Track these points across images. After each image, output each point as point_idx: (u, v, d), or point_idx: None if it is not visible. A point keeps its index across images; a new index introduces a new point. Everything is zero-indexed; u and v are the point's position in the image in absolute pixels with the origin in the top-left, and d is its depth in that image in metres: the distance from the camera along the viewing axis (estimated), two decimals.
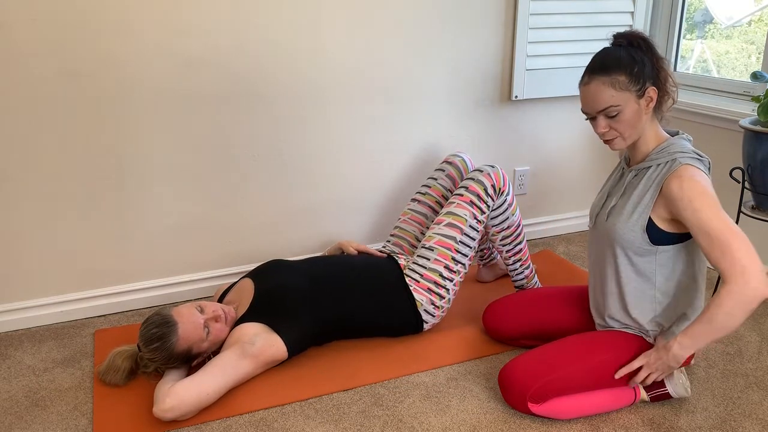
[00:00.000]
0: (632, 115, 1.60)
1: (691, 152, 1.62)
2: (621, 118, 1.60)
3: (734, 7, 2.91)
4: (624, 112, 1.59)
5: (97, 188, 2.20)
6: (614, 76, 1.57)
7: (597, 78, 1.59)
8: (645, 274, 1.69)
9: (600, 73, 1.58)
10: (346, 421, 1.75)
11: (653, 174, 1.64)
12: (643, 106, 1.61)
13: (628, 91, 1.58)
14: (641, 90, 1.59)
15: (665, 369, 1.66)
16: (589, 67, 1.63)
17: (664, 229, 1.64)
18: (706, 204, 1.52)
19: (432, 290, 2.06)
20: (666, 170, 1.61)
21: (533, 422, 1.74)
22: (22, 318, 2.24)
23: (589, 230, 1.86)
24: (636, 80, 1.58)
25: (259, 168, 2.39)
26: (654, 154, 1.66)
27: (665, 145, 1.65)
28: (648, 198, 1.64)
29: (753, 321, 2.23)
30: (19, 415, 1.80)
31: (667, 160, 1.62)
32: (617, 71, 1.57)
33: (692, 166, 1.58)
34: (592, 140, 2.92)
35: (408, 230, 2.31)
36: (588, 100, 1.61)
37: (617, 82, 1.57)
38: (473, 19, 2.52)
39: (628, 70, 1.57)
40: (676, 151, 1.62)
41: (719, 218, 1.51)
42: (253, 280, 2.05)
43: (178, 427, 1.72)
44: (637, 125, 1.62)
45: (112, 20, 2.05)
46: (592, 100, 1.60)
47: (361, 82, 2.43)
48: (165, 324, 1.80)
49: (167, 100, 2.19)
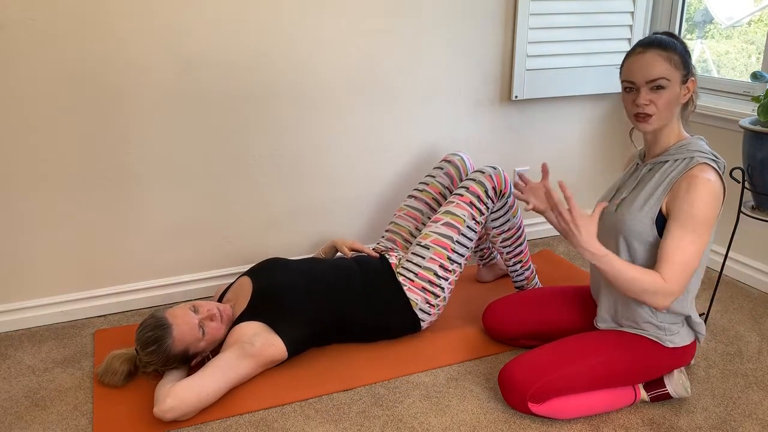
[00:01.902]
0: (673, 96, 1.62)
1: (708, 153, 1.64)
2: (664, 95, 1.61)
3: (734, 7, 2.91)
4: (669, 89, 1.61)
5: (97, 188, 2.20)
6: (670, 54, 1.60)
7: (653, 50, 1.61)
8: None
9: (657, 47, 1.61)
10: (346, 421, 1.75)
11: (669, 169, 1.66)
12: (681, 94, 1.64)
13: (678, 71, 1.61)
14: (686, 77, 1.63)
15: (569, 234, 1.58)
16: (642, 42, 1.64)
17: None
18: (701, 218, 1.56)
19: (426, 289, 2.06)
20: (683, 167, 1.62)
21: (533, 422, 1.74)
22: (22, 318, 2.24)
23: (597, 228, 1.85)
24: (685, 65, 1.62)
25: (259, 168, 2.39)
26: (673, 149, 1.68)
27: (685, 142, 1.67)
28: (660, 191, 1.65)
29: (753, 321, 2.23)
30: (19, 415, 1.80)
31: (685, 157, 1.64)
32: (673, 51, 1.61)
33: (709, 166, 1.60)
34: (593, 140, 2.92)
35: (403, 225, 2.31)
36: (641, 68, 1.61)
37: (672, 60, 1.60)
38: (473, 19, 2.52)
39: (681, 54, 1.62)
40: (695, 150, 1.64)
41: (697, 238, 1.56)
42: (251, 278, 2.04)
43: (178, 427, 1.72)
44: (673, 109, 1.64)
45: (112, 20, 2.05)
46: (646, 68, 1.60)
47: (361, 82, 2.43)
48: (159, 327, 1.80)
49: (167, 101, 2.19)
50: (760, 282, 2.46)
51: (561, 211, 1.59)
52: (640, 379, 1.77)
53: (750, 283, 2.49)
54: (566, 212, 1.58)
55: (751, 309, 2.32)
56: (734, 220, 2.27)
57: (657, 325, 1.73)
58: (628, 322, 1.77)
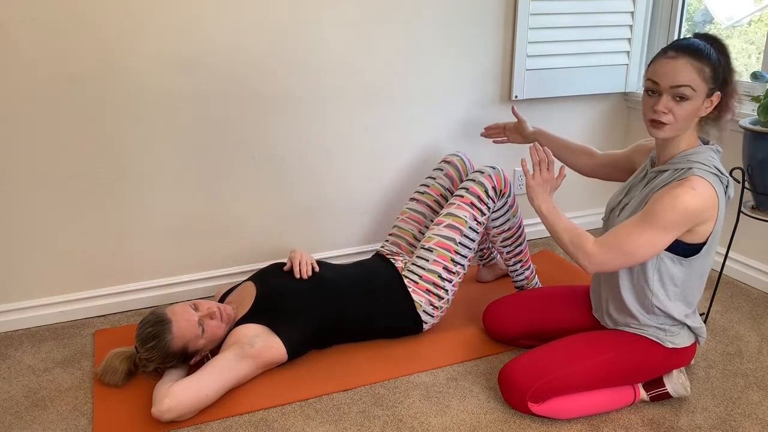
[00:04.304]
0: (694, 108, 1.57)
1: (711, 166, 1.59)
2: (685, 105, 1.56)
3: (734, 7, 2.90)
4: (691, 101, 1.56)
5: (97, 188, 2.20)
6: (702, 65, 1.55)
7: (687, 57, 1.55)
8: (646, 274, 1.69)
9: (691, 55, 1.55)
10: (346, 421, 1.75)
11: (667, 177, 1.63)
12: (704, 107, 1.59)
13: (706, 84, 1.56)
14: (712, 91, 1.57)
15: (529, 191, 1.81)
16: (678, 45, 1.59)
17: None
18: (659, 216, 1.55)
19: (431, 291, 2.06)
20: (678, 176, 1.60)
21: (533, 422, 1.74)
22: (22, 318, 2.24)
23: (603, 225, 1.87)
24: (714, 80, 1.57)
25: (258, 168, 2.39)
26: (677, 158, 1.64)
27: (690, 151, 1.63)
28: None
29: (753, 321, 2.23)
30: (19, 415, 1.80)
31: (684, 168, 1.60)
32: (707, 62, 1.55)
33: (702, 179, 1.55)
34: (593, 140, 2.92)
35: (406, 229, 2.31)
36: (668, 72, 1.56)
37: (703, 72, 1.55)
38: (473, 19, 2.52)
39: (713, 67, 1.56)
40: (696, 160, 1.60)
41: (648, 231, 1.57)
42: (255, 282, 2.05)
43: (178, 427, 1.72)
44: (691, 121, 1.60)
45: (112, 20, 2.05)
46: (674, 73, 1.55)
47: (361, 82, 2.43)
48: (159, 322, 1.81)
49: (167, 100, 2.19)
50: (760, 282, 2.46)
51: (541, 168, 1.80)
52: (639, 379, 1.77)
53: (750, 283, 2.49)
54: (546, 171, 1.80)
55: (751, 309, 2.32)
56: (734, 220, 2.27)
57: (657, 326, 1.73)
58: (627, 321, 1.77)
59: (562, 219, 1.75)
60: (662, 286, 1.68)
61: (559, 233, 1.72)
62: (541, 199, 1.78)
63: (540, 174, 1.80)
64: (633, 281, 1.72)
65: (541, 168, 1.80)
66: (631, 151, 1.98)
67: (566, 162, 2.17)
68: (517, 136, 2.34)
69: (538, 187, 1.79)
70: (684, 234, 1.60)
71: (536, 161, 1.81)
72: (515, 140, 2.36)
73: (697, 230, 1.59)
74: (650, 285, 1.69)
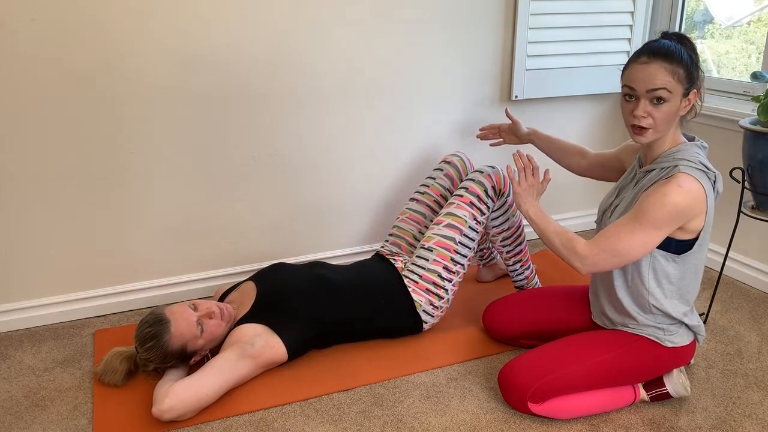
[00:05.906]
0: (673, 109, 1.59)
1: (696, 162, 1.60)
2: (663, 108, 1.58)
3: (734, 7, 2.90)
4: (669, 103, 1.58)
5: (97, 188, 2.20)
6: (675, 67, 1.57)
7: (659, 61, 1.57)
8: (641, 273, 1.69)
9: (663, 58, 1.57)
10: (346, 421, 1.75)
11: (655, 176, 1.64)
12: (682, 106, 1.61)
13: (681, 85, 1.58)
14: (688, 90, 1.60)
15: (516, 197, 1.87)
16: (649, 49, 1.60)
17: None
18: (648, 215, 1.56)
19: (431, 291, 2.06)
20: (665, 174, 1.61)
21: (533, 422, 1.74)
22: (22, 318, 2.24)
23: (596, 227, 1.87)
24: (689, 79, 1.59)
25: (259, 168, 2.39)
26: (662, 157, 1.66)
27: (675, 149, 1.65)
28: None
29: (753, 321, 2.23)
30: (19, 415, 1.80)
31: (670, 166, 1.62)
32: (679, 64, 1.57)
33: (688, 176, 1.56)
34: (592, 140, 2.92)
35: (406, 229, 2.31)
36: (644, 77, 1.58)
37: (676, 73, 1.57)
38: (473, 19, 2.52)
39: (686, 67, 1.58)
40: (681, 158, 1.61)
41: (639, 230, 1.58)
42: (256, 282, 2.05)
43: (178, 427, 1.72)
44: (671, 122, 1.62)
45: (112, 20, 2.05)
46: (649, 78, 1.57)
47: (361, 82, 2.43)
48: (158, 322, 1.81)
49: (167, 100, 2.19)
50: (760, 282, 2.46)
51: (526, 174, 1.87)
52: (639, 379, 1.77)
53: (750, 283, 2.49)
54: (531, 177, 1.87)
55: (751, 309, 2.32)
56: (734, 220, 2.27)
57: (656, 325, 1.73)
58: (626, 321, 1.77)
59: (551, 223, 1.77)
60: (658, 284, 1.69)
61: (549, 237, 1.75)
62: (528, 204, 1.83)
63: (525, 180, 1.87)
64: (628, 282, 1.73)
65: (526, 174, 1.87)
66: (619, 151, 2.00)
67: (560, 162, 2.18)
68: (512, 137, 2.35)
69: (524, 193, 1.85)
70: (675, 231, 1.61)
71: (521, 167, 1.89)
72: (510, 141, 2.37)
73: (687, 226, 1.60)
74: (646, 284, 1.69)
